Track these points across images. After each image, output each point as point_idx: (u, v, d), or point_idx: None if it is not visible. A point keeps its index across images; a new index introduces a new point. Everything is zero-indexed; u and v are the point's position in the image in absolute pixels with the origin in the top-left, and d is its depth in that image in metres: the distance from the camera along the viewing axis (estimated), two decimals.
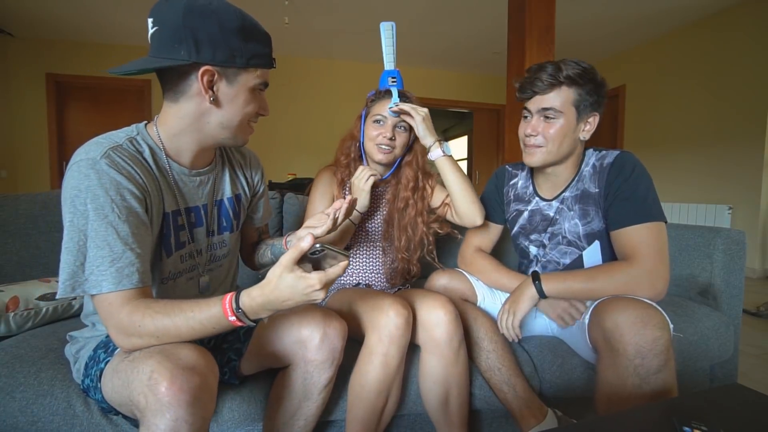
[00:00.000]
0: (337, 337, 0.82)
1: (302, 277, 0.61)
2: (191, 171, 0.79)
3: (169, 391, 0.55)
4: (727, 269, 1.22)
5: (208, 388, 0.60)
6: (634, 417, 0.63)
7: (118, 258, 0.62)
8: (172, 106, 0.72)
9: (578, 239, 1.04)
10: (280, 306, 0.63)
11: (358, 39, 4.37)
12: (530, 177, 1.16)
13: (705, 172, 3.78)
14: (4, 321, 1.01)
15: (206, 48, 0.66)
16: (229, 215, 0.89)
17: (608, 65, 4.84)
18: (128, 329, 0.62)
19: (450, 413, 0.94)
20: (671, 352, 0.80)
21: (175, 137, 0.75)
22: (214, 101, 0.70)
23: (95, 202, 0.62)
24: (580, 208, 1.03)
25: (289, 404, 0.83)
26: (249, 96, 0.73)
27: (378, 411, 0.90)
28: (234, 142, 0.78)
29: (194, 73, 0.67)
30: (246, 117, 0.75)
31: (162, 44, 0.66)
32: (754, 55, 3.37)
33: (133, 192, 0.66)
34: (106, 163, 0.64)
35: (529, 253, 1.15)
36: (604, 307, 0.87)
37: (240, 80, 0.71)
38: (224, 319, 0.63)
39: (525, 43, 2.35)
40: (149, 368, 0.57)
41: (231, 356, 0.85)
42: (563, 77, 0.94)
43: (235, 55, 0.68)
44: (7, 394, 0.79)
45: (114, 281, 0.61)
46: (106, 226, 0.62)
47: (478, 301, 1.14)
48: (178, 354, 0.60)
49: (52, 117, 4.34)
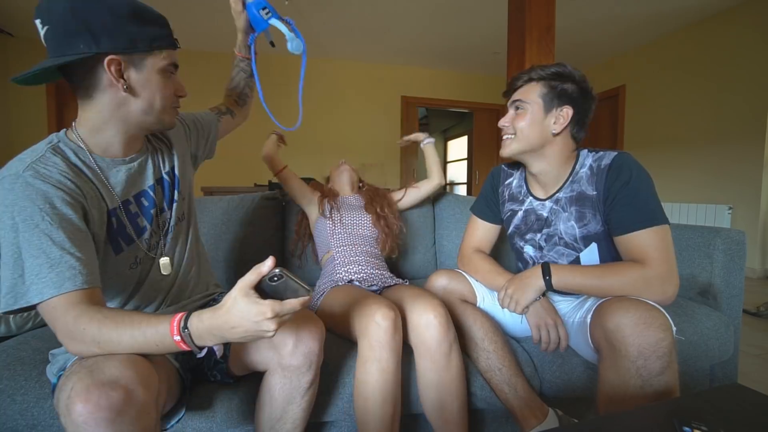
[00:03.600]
0: (312, 340, 0.79)
1: (255, 303, 0.57)
2: (126, 159, 0.78)
3: (84, 409, 0.52)
4: (727, 269, 1.22)
5: (135, 402, 0.56)
6: (635, 417, 0.63)
7: (57, 263, 0.60)
8: (88, 103, 0.71)
9: (575, 241, 1.03)
10: (228, 333, 0.59)
11: (358, 39, 4.37)
12: (524, 177, 1.16)
13: (705, 172, 3.78)
14: (4, 322, 1.01)
15: (104, 37, 0.65)
16: (171, 188, 0.88)
17: (608, 65, 4.84)
18: (74, 333, 0.59)
19: (447, 417, 0.94)
20: (674, 354, 0.79)
21: (98, 133, 0.74)
22: (129, 90, 0.70)
23: (22, 213, 0.61)
24: (577, 210, 1.02)
25: (273, 409, 0.81)
26: (161, 79, 0.73)
27: (388, 420, 0.88)
28: (161, 126, 0.78)
29: (100, 65, 0.67)
30: (166, 100, 0.75)
31: (57, 42, 0.65)
32: (754, 55, 3.36)
33: (65, 199, 0.64)
34: (31, 174, 0.63)
35: (524, 254, 1.15)
36: (606, 307, 0.86)
37: (147, 65, 0.71)
38: (168, 337, 0.59)
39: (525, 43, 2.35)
40: (70, 386, 0.55)
41: (217, 359, 0.85)
42: (534, 75, 1.03)
43: (136, 40, 0.68)
44: (8, 396, 0.79)
45: (55, 285, 0.59)
46: (38, 235, 0.60)
47: (478, 301, 1.14)
48: (102, 368, 0.56)
49: (52, 117, 4.34)
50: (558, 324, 1.00)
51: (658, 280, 0.88)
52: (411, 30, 4.10)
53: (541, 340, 1.00)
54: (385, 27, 4.03)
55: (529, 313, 1.02)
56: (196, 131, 1.01)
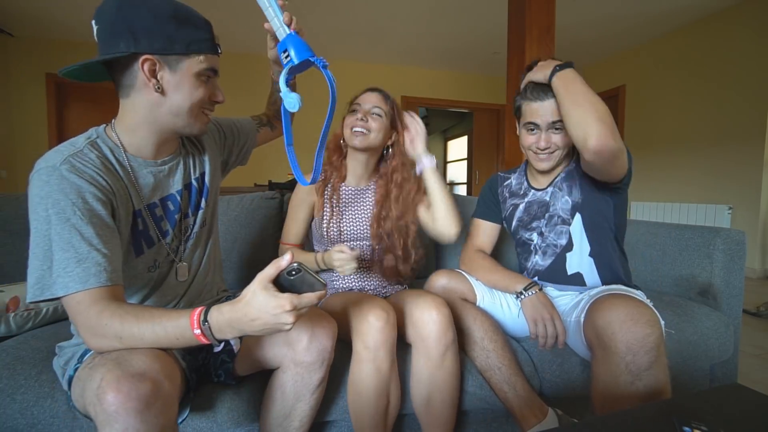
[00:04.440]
0: (325, 337, 0.81)
1: (274, 296, 0.59)
2: (157, 161, 0.79)
3: (115, 399, 0.53)
4: (727, 269, 1.22)
5: (162, 394, 0.57)
6: (634, 417, 0.63)
7: (84, 258, 0.62)
8: (126, 102, 0.73)
9: (566, 214, 1.11)
10: (247, 326, 0.61)
11: (358, 39, 4.37)
12: (524, 173, 1.23)
13: (705, 172, 3.78)
14: (4, 321, 1.01)
15: (143, 38, 0.67)
16: (198, 195, 0.89)
17: (608, 65, 4.84)
18: (96, 328, 0.61)
19: (432, 415, 0.94)
20: (662, 348, 0.81)
21: (133, 132, 0.75)
22: (160, 90, 0.71)
23: (56, 206, 0.62)
24: (567, 186, 1.11)
25: (282, 406, 0.82)
26: (195, 82, 0.73)
27: (381, 412, 0.90)
28: (190, 130, 0.78)
29: (136, 64, 0.68)
30: (196, 104, 0.75)
31: (104, 41, 0.68)
32: (754, 55, 3.36)
33: (96, 195, 0.66)
34: (67, 168, 0.64)
35: (530, 244, 1.18)
36: (597, 305, 0.89)
37: (183, 67, 0.71)
38: (189, 331, 0.61)
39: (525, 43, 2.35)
40: (99, 376, 0.56)
41: (224, 358, 0.85)
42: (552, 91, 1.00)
43: (174, 42, 0.69)
44: (8, 396, 0.79)
45: (81, 280, 0.61)
46: (69, 229, 0.62)
47: (477, 300, 1.14)
48: (130, 360, 0.58)
49: (52, 117, 4.34)
50: (555, 318, 1.00)
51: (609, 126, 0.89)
52: (411, 30, 4.10)
53: (539, 335, 1.01)
54: (385, 27, 4.03)
55: (525, 307, 1.03)
56: (232, 137, 1.01)
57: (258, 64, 4.56)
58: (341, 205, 1.18)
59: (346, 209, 1.18)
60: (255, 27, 3.89)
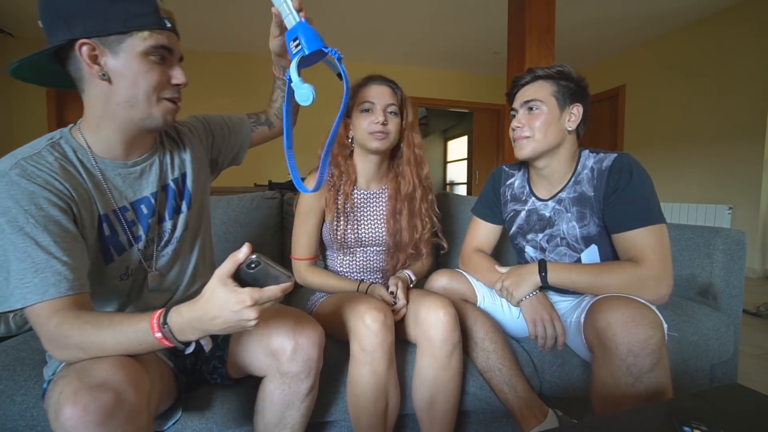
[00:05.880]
0: (311, 347, 0.77)
1: (234, 291, 0.54)
2: (128, 162, 0.74)
3: (72, 413, 0.50)
4: (727, 269, 1.22)
5: (127, 404, 0.54)
6: (634, 417, 0.63)
7: (42, 268, 0.58)
8: (84, 98, 0.68)
9: (576, 241, 1.04)
10: (209, 325, 0.57)
11: (358, 39, 4.36)
12: (526, 177, 1.17)
13: (705, 172, 3.78)
14: (3, 321, 1.01)
15: (75, 21, 0.61)
16: (178, 198, 0.82)
17: (608, 65, 4.84)
18: (57, 340, 0.58)
19: (434, 417, 0.94)
20: (664, 351, 0.80)
21: (97, 131, 0.69)
22: (106, 78, 0.64)
23: (7, 214, 0.58)
24: (578, 211, 1.03)
25: (272, 414, 0.79)
26: (143, 64, 0.65)
27: (380, 414, 0.89)
28: (153, 123, 0.70)
29: (75, 52, 0.63)
30: (150, 89, 0.66)
31: (47, 36, 0.63)
32: (754, 55, 3.36)
33: (51, 200, 0.61)
34: (17, 173, 0.60)
35: (525, 254, 1.16)
36: (598, 306, 0.87)
37: (125, 47, 0.63)
38: (150, 335, 0.57)
39: (525, 43, 2.35)
40: (58, 390, 0.53)
41: (216, 364, 0.84)
42: (541, 73, 1.03)
43: (109, 20, 0.61)
44: (8, 397, 0.78)
45: (39, 291, 0.57)
46: (23, 238, 0.58)
47: (478, 301, 1.14)
48: (90, 371, 0.55)
49: (52, 117, 4.34)
50: (554, 319, 1.00)
51: (653, 281, 0.89)
52: (411, 30, 4.10)
53: (538, 336, 1.00)
54: (386, 27, 4.03)
55: (524, 308, 1.03)
56: (221, 136, 0.94)
57: (258, 64, 4.59)
58: (356, 211, 1.13)
59: (362, 215, 1.14)
60: (255, 26, 3.89)
